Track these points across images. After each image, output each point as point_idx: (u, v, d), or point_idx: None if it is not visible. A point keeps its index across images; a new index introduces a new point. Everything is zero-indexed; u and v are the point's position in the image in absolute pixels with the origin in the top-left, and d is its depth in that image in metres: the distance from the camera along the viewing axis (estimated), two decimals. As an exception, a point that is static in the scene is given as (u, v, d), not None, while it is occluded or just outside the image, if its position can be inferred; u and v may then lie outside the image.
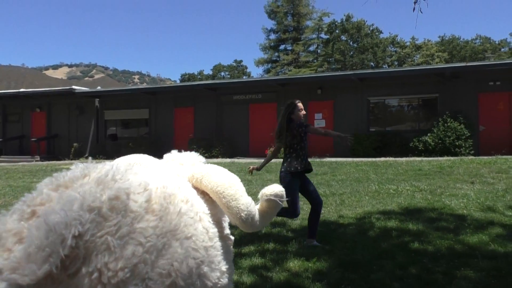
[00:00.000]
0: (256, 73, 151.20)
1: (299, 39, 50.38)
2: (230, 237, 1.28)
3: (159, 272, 0.95)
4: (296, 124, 4.66)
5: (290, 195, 4.51)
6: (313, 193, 4.74)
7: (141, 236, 0.94)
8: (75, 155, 21.16)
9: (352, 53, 51.68)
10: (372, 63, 50.52)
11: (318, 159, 14.76)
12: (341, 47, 50.12)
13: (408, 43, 53.96)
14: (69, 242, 0.83)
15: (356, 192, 7.82)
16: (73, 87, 22.86)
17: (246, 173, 4.95)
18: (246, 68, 73.79)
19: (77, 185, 0.96)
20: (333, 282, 3.42)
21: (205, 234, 1.10)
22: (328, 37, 52.24)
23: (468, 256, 3.94)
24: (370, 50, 50.29)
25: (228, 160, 15.93)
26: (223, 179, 1.18)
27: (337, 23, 52.09)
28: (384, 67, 49.10)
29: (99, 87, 28.88)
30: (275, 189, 1.29)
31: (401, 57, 52.10)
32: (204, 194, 1.19)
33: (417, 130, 16.24)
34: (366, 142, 15.82)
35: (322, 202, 4.83)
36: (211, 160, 14.39)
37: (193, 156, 1.37)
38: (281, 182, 4.72)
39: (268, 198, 1.27)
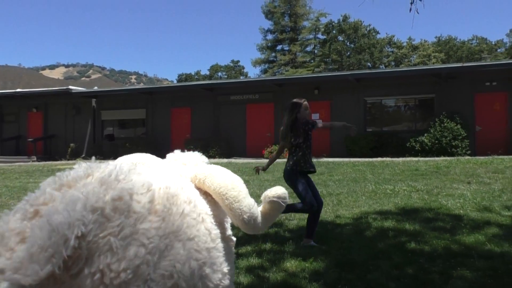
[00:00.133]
0: (253, 73, 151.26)
1: (296, 39, 50.42)
2: (232, 238, 1.27)
3: (161, 273, 0.95)
4: (302, 123, 4.66)
5: (301, 191, 4.59)
6: (314, 193, 4.75)
7: (144, 237, 0.93)
8: (71, 155, 21.11)
9: (349, 53, 51.76)
10: (369, 64, 50.62)
11: (315, 159, 14.71)
12: (338, 47, 50.19)
13: (405, 44, 54.11)
14: (72, 242, 0.83)
15: (353, 192, 7.84)
16: (70, 87, 22.81)
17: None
18: (243, 68, 73.81)
19: (80, 184, 0.95)
20: (330, 282, 3.42)
21: (207, 235, 1.10)
22: (325, 37, 52.29)
23: (465, 256, 3.95)
24: (367, 50, 50.38)
25: (225, 160, 15.91)
26: (226, 180, 1.18)
27: (334, 24, 52.15)
28: (381, 67, 49.20)
29: (96, 87, 28.82)
30: (278, 191, 1.28)
31: (398, 58, 52.23)
32: (206, 194, 1.19)
33: (413, 130, 16.28)
34: (363, 142, 15.85)
35: (322, 202, 4.85)
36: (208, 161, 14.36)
37: (196, 156, 1.36)
38: (287, 180, 4.72)
39: (271, 200, 1.26)
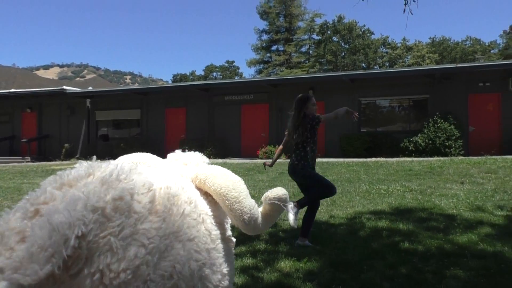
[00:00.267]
0: (248, 73, 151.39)
1: (291, 40, 50.49)
2: (232, 239, 1.27)
3: (161, 274, 0.94)
4: (310, 118, 4.68)
5: (319, 177, 4.64)
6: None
7: (144, 237, 0.93)
8: (66, 155, 21.02)
9: (343, 54, 51.89)
10: (363, 64, 50.78)
11: (309, 160, 14.79)
12: (332, 48, 50.31)
13: (399, 44, 54.32)
14: (72, 242, 0.83)
15: (347, 193, 7.86)
16: (64, 87, 22.70)
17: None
18: (238, 68, 73.87)
19: (81, 184, 0.95)
20: (324, 282, 3.43)
21: (207, 236, 1.10)
22: (320, 38, 52.42)
23: (458, 255, 3.98)
24: (362, 51, 50.53)
25: (219, 160, 15.90)
26: (226, 181, 1.18)
27: (329, 24, 52.28)
28: (376, 68, 49.37)
29: (90, 88, 28.71)
30: (278, 193, 1.28)
31: (392, 58, 52.43)
32: (207, 195, 1.19)
33: (407, 131, 16.35)
34: (357, 143, 15.90)
35: (319, 202, 4.87)
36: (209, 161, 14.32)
37: (197, 157, 1.35)
38: (296, 174, 4.69)
39: (272, 201, 1.26)
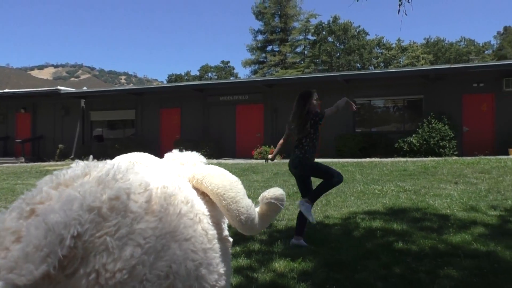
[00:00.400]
0: (243, 74, 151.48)
1: (286, 40, 50.56)
2: (229, 239, 1.27)
3: (157, 274, 0.94)
4: (313, 114, 4.72)
5: (325, 169, 4.68)
6: (310, 189, 4.82)
7: (140, 237, 0.93)
8: (60, 156, 20.93)
9: (338, 54, 52.04)
10: (358, 65, 50.95)
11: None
12: (327, 48, 50.45)
13: (394, 45, 54.54)
14: (68, 242, 0.82)
15: (341, 193, 7.87)
16: (59, 87, 22.61)
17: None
18: (233, 69, 73.91)
19: (77, 184, 0.94)
20: (318, 282, 3.44)
21: (204, 236, 1.09)
22: (315, 38, 52.56)
23: (451, 255, 4.00)
24: (357, 51, 50.70)
25: (214, 161, 15.89)
26: (224, 181, 1.17)
27: (324, 25, 52.42)
28: (370, 68, 49.52)
29: (85, 88, 28.62)
30: (276, 193, 1.26)
31: (387, 59, 52.64)
32: (204, 195, 1.18)
33: (402, 131, 16.41)
34: (352, 143, 15.94)
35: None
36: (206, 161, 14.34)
37: (194, 156, 1.35)
38: (303, 166, 4.69)
39: (269, 201, 1.25)
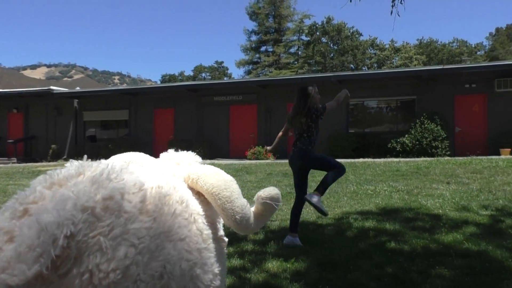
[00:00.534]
0: (237, 74, 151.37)
1: (280, 40, 50.62)
2: (224, 239, 1.27)
3: (151, 274, 0.94)
4: (314, 109, 4.74)
5: (328, 160, 4.77)
6: (306, 185, 4.88)
7: (134, 237, 0.92)
8: (53, 156, 20.81)
9: (332, 55, 52.17)
10: (352, 65, 51.10)
11: (298, 160, 14.82)
12: (321, 49, 50.56)
13: (387, 46, 54.76)
14: (61, 242, 0.82)
15: (334, 193, 7.89)
16: (51, 87, 22.48)
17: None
18: (227, 69, 73.86)
19: (71, 183, 0.94)
20: (311, 282, 3.45)
21: (199, 235, 1.09)
22: (309, 39, 52.66)
23: (443, 255, 4.02)
24: (350, 52, 50.85)
25: (208, 161, 15.86)
26: (219, 180, 1.18)
27: (317, 25, 52.53)
28: (364, 69, 49.69)
29: (78, 88, 28.48)
30: (271, 192, 1.27)
31: (380, 60, 52.84)
32: (199, 194, 1.18)
33: (395, 132, 16.48)
34: (345, 143, 16.00)
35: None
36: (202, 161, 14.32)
37: (189, 156, 1.35)
38: (307, 157, 4.72)
39: (264, 201, 1.26)
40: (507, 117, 15.45)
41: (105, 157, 1.28)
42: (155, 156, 1.39)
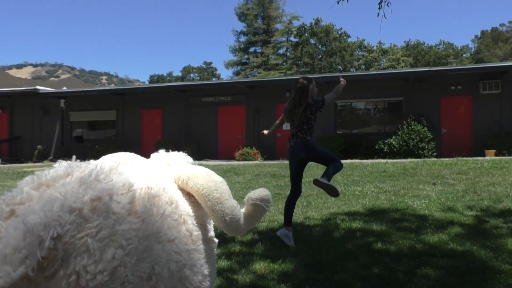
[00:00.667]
0: (225, 75, 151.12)
1: (268, 41, 50.71)
2: (214, 240, 1.26)
3: (139, 275, 0.93)
4: (314, 101, 4.78)
5: (327, 152, 4.95)
6: (301, 180, 4.97)
7: (123, 238, 0.92)
8: (38, 157, 20.57)
9: (320, 56, 52.40)
10: (340, 67, 51.37)
11: (286, 161, 14.85)
12: (310, 50, 50.76)
13: (375, 48, 55.15)
14: (47, 243, 0.81)
15: (322, 194, 7.91)
16: (38, 87, 22.24)
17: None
18: (216, 70, 73.73)
19: (59, 184, 0.93)
20: (298, 283, 3.46)
21: (188, 237, 1.09)
22: (297, 40, 52.82)
23: (429, 255, 4.06)
24: (338, 53, 51.13)
25: (196, 162, 15.71)
26: (209, 182, 1.17)
27: (306, 27, 52.72)
28: (352, 70, 49.98)
29: (64, 88, 28.19)
30: (261, 194, 1.27)
31: (368, 61, 53.21)
32: (189, 195, 1.18)
33: (382, 133, 16.62)
34: (333, 144, 16.07)
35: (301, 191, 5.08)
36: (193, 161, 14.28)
37: (180, 157, 1.35)
38: (308, 148, 4.78)
39: (254, 202, 1.25)
40: (491, 118, 15.67)
41: (92, 158, 1.27)
42: (142, 156, 1.39)
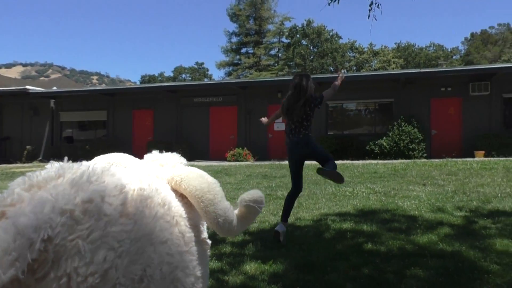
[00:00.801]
0: (217, 75, 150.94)
1: (260, 42, 50.77)
2: (207, 241, 1.26)
3: (131, 277, 0.93)
4: (313, 98, 4.82)
5: (323, 150, 5.00)
6: (301, 176, 4.99)
7: (114, 240, 0.91)
8: (28, 158, 20.39)
9: (312, 57, 52.54)
10: (331, 68, 51.54)
11: (277, 162, 14.88)
12: (301, 51, 50.88)
13: (366, 49, 55.44)
14: (38, 246, 0.81)
15: (313, 195, 7.95)
16: (27, 87, 22.04)
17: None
18: (208, 70, 73.60)
19: (50, 186, 0.93)
20: (288, 284, 3.46)
21: (180, 238, 1.09)
22: (289, 41, 52.93)
23: (418, 255, 4.08)
24: (330, 55, 51.32)
25: (187, 163, 15.78)
26: (202, 183, 1.17)
27: (298, 28, 52.85)
28: (343, 71, 50.18)
29: (54, 88, 27.94)
30: (254, 195, 1.27)
31: (359, 63, 53.48)
32: (183, 197, 1.18)
33: (373, 134, 16.71)
34: (324, 145, 16.10)
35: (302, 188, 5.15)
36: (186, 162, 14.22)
37: (174, 158, 1.34)
38: (309, 144, 4.83)
39: (247, 204, 1.25)
40: (481, 120, 15.83)
41: (82, 158, 1.26)
42: (134, 157, 1.38)
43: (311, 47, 53.44)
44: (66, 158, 1.05)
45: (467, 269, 3.65)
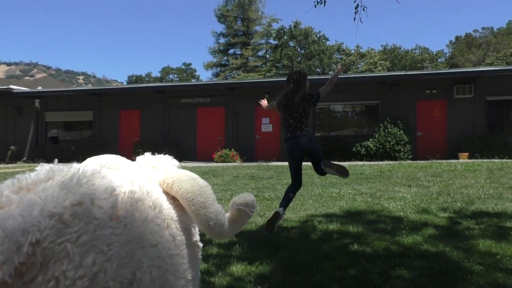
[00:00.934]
0: (205, 76, 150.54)
1: (248, 43, 50.83)
2: (199, 244, 1.26)
3: (120, 281, 0.92)
4: (310, 95, 4.88)
5: (321, 152, 5.10)
6: (301, 171, 5.11)
7: (104, 243, 0.91)
8: (12, 158, 20.10)
9: (299, 59, 52.75)
10: (318, 70, 51.81)
11: (264, 163, 14.90)
12: (289, 53, 51.06)
13: (353, 51, 55.86)
14: (25, 249, 0.80)
15: (300, 196, 7.97)
16: (11, 86, 21.70)
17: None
18: (195, 71, 73.34)
19: (39, 188, 0.92)
20: (275, 285, 3.47)
21: (171, 241, 1.08)
22: (277, 42, 53.08)
23: (403, 256, 4.13)
24: (317, 56, 51.59)
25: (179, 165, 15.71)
26: (193, 186, 1.17)
27: (285, 29, 53.03)
28: (330, 73, 50.46)
29: (39, 87, 27.58)
30: (246, 199, 1.26)
31: (346, 64, 53.80)
32: (174, 199, 1.17)
33: (359, 135, 16.84)
34: (312, 147, 16.20)
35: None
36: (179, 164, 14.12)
37: (166, 160, 1.34)
38: (313, 142, 4.95)
39: (239, 207, 1.24)
40: (465, 122, 16.06)
41: (67, 160, 1.26)
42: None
43: (298, 49, 53.67)
44: (56, 160, 1.05)
45: (451, 269, 3.70)
